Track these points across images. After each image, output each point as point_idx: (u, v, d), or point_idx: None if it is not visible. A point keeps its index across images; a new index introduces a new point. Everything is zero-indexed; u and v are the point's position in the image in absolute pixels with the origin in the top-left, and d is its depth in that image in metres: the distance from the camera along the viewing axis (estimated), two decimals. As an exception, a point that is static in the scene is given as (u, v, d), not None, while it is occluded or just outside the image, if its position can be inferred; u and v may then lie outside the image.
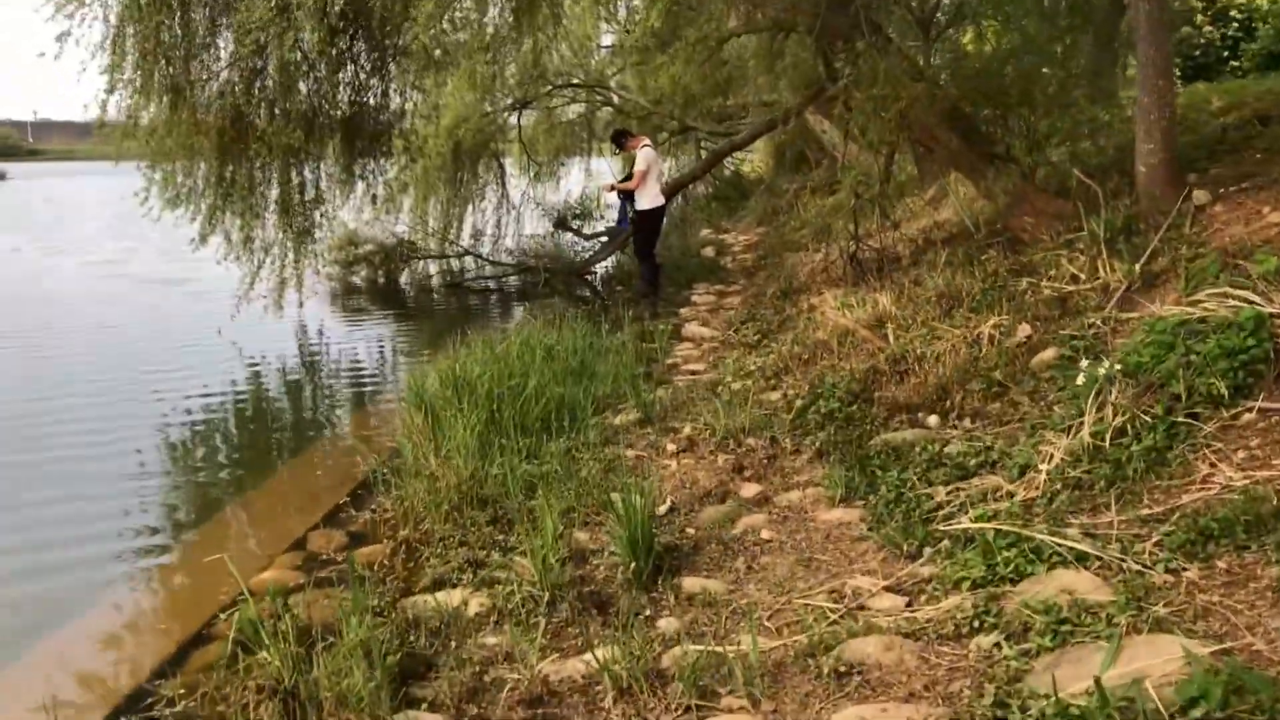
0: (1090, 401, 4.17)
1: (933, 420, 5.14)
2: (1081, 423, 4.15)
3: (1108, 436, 4.02)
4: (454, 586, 3.98)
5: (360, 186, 12.52)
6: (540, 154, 20.23)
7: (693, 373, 7.38)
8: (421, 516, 4.67)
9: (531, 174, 15.74)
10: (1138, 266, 5.65)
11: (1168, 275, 5.56)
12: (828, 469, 4.92)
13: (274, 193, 10.34)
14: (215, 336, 9.84)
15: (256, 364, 9.01)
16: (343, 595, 3.81)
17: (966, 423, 5.02)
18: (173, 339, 10.02)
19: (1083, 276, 5.97)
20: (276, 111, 9.81)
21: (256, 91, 9.84)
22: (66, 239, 18.07)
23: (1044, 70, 8.52)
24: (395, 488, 5.03)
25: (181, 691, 3.33)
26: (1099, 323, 5.37)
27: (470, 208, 14.68)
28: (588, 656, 3.23)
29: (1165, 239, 5.81)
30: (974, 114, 7.77)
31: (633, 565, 3.79)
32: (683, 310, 10.21)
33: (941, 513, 4.01)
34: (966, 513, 3.92)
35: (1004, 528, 3.53)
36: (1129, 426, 4.02)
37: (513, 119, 15.60)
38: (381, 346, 9.94)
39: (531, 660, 3.20)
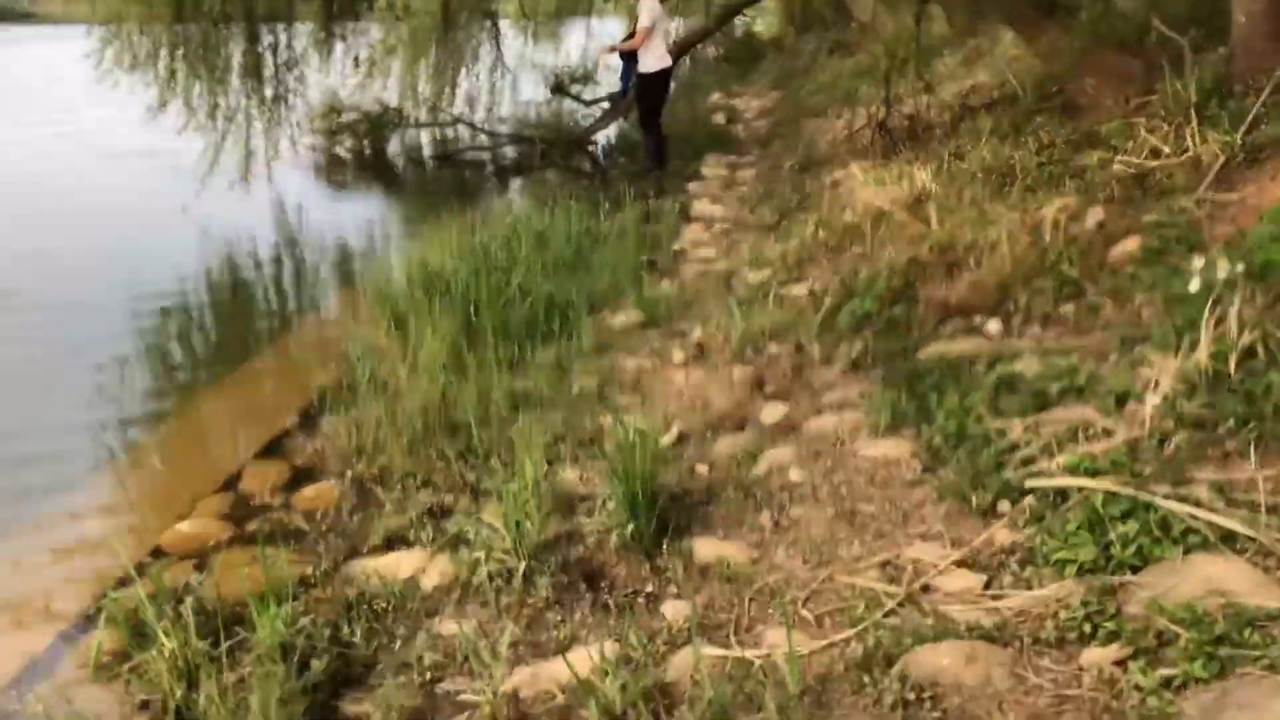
0: (1207, 312, 3.31)
1: (993, 327, 4.28)
2: (1196, 340, 3.30)
3: (1232, 360, 3.18)
4: (410, 545, 3.22)
5: (339, 49, 11.44)
6: (539, 14, 18.88)
7: (704, 260, 6.50)
8: (380, 447, 3.88)
9: (529, 34, 14.42)
10: (1238, 137, 4.70)
11: (1277, 148, 4.62)
12: (868, 387, 4.10)
13: (238, 55, 9.25)
14: (180, 215, 8.89)
15: (218, 247, 8.08)
16: (273, 558, 3.04)
17: (1035, 330, 4.17)
18: (132, 219, 9.08)
19: (1166, 150, 5.00)
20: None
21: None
22: (42, 108, 16.92)
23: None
24: (351, 409, 4.23)
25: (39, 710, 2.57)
26: (1191, 206, 4.45)
27: (463, 73, 13.45)
28: (574, 656, 2.47)
29: (1271, 103, 4.84)
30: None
31: (631, 527, 3.01)
32: (691, 185, 9.24)
33: (1019, 454, 3.20)
34: (1052, 456, 3.10)
35: (1114, 489, 2.71)
36: (1260, 347, 3.17)
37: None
38: (364, 225, 9.00)
39: (497, 673, 2.44)
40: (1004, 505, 3.02)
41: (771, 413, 4.05)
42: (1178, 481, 2.81)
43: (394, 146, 12.40)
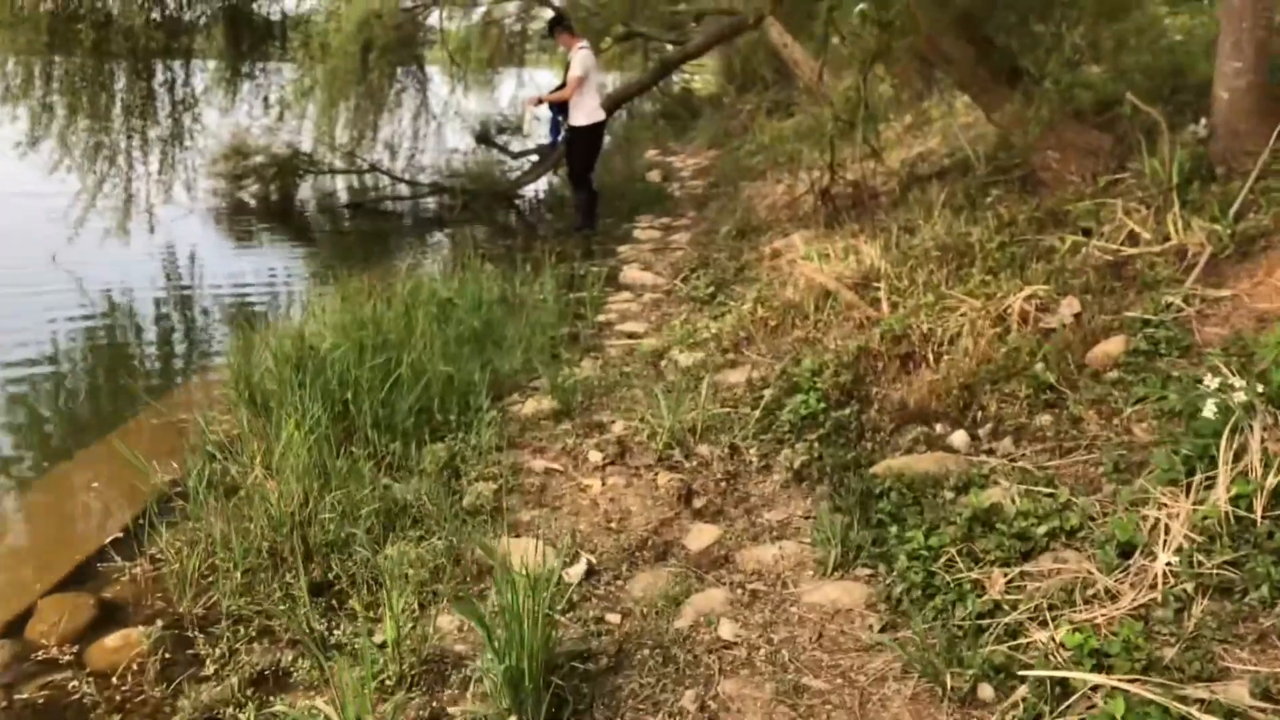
0: (1225, 444, 2.74)
1: (959, 439, 3.69)
2: (1211, 478, 2.72)
3: (1258, 504, 2.60)
4: (227, 730, 2.47)
5: (247, 88, 10.70)
6: (470, 61, 18.33)
7: (630, 336, 5.86)
8: (214, 577, 3.13)
9: (457, 82, 13.81)
10: (1227, 226, 4.21)
11: (1269, 239, 4.14)
12: (813, 505, 3.47)
13: (125, 91, 8.47)
14: (49, 264, 7.97)
15: (80, 304, 7.14)
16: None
17: (1008, 444, 3.58)
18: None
19: (1146, 235, 4.51)
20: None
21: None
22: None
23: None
24: (189, 521, 3.46)
25: None
26: (1179, 302, 3.95)
27: (384, 118, 12.79)
28: None
29: (1259, 189, 4.38)
30: (994, 18, 6.19)
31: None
32: (622, 248, 8.64)
33: (1002, 619, 2.58)
34: (1045, 625, 2.49)
35: (1134, 689, 2.09)
36: (1294, 490, 2.61)
37: (434, 19, 13.66)
38: (258, 282, 8.21)
39: None
40: (986, 691, 2.38)
41: (700, 536, 3.39)
42: (1206, 675, 2.21)
43: (305, 193, 11.63)
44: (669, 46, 14.41)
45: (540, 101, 9.50)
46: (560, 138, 9.61)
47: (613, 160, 14.63)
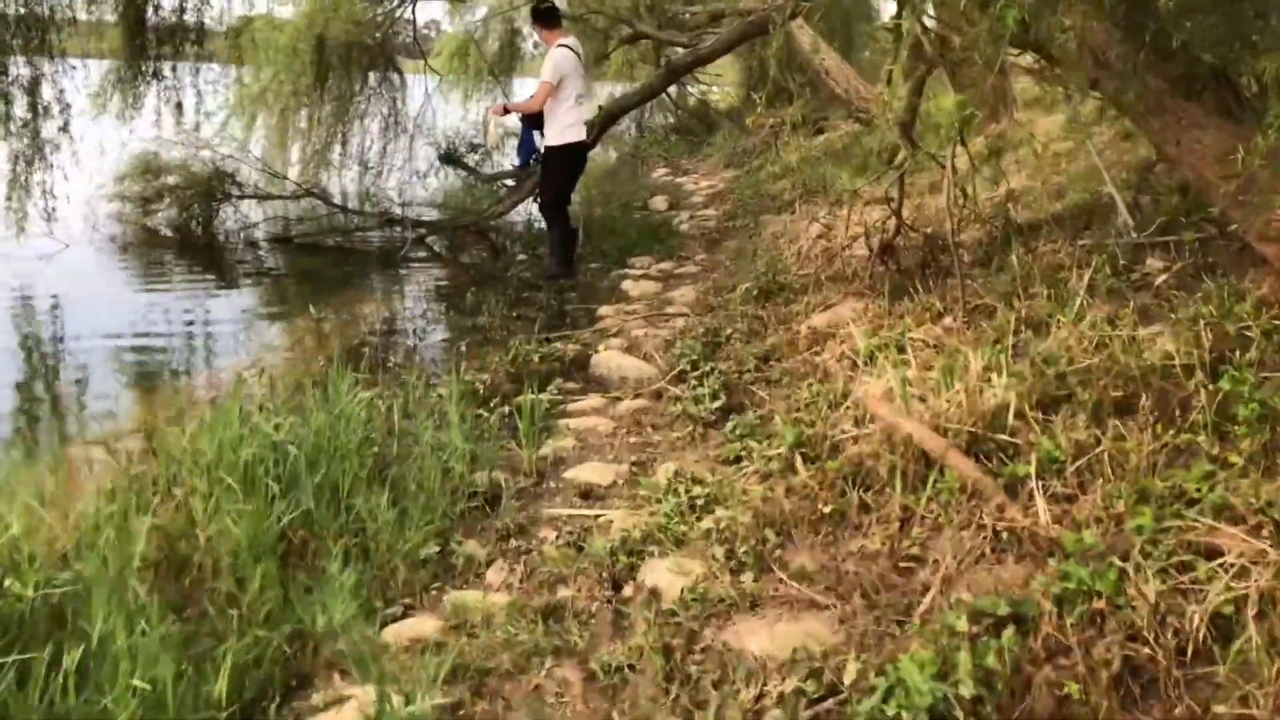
0: None
1: None
2: None
3: None
4: None
5: (154, 92, 8.56)
6: (468, 69, 16.22)
7: (584, 495, 3.62)
8: None
9: (451, 90, 11.54)
10: None
11: None
12: None
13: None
14: None
15: None
16: None
17: None
18: None
19: None
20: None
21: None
22: None
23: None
24: None
25: None
26: None
27: (339, 132, 10.64)
28: None
29: None
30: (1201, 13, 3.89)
31: None
32: (603, 311, 6.42)
33: None
34: None
35: None
36: None
37: (406, 13, 11.46)
38: (137, 342, 6.05)
39: None
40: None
41: None
42: None
43: (233, 220, 9.43)
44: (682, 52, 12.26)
45: (506, 111, 7.32)
46: (533, 159, 7.45)
47: (612, 181, 12.45)
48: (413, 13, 11.05)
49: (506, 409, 4.25)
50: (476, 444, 3.76)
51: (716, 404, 4.24)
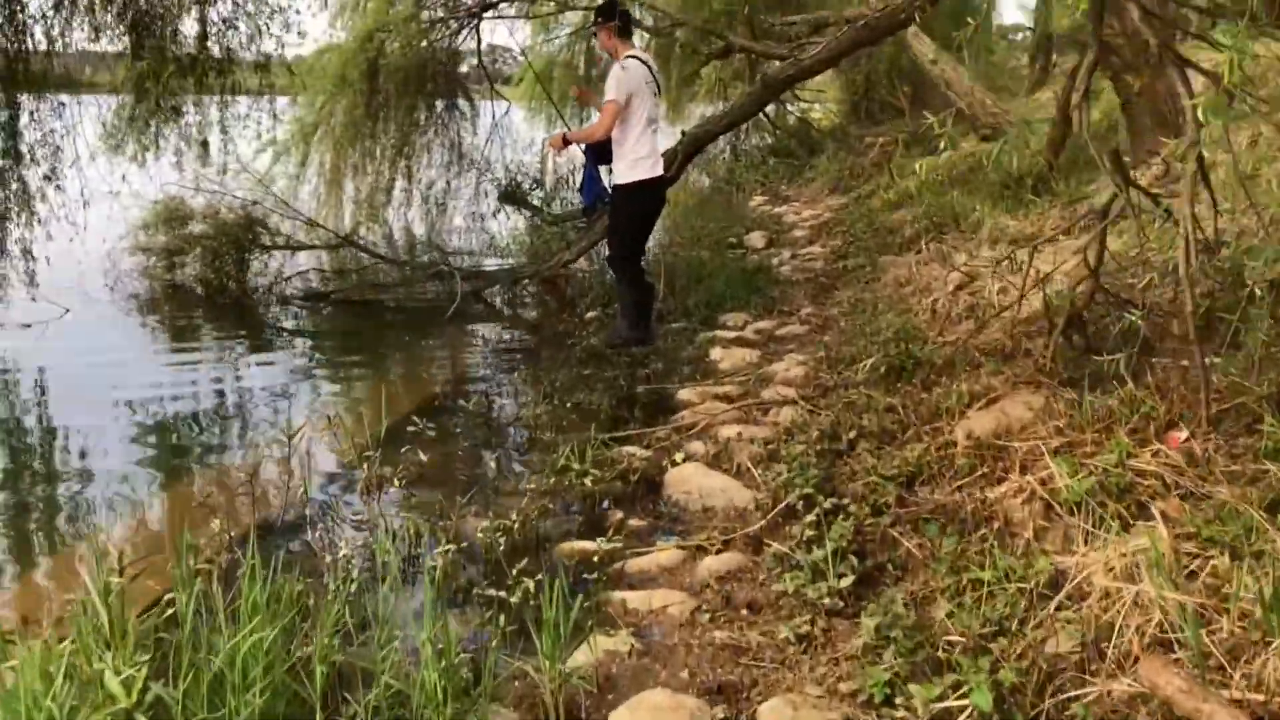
0: None
1: None
2: None
3: None
4: None
5: (178, 131, 7.54)
6: (534, 92, 15.04)
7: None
8: None
9: (499, 117, 10.35)
10: None
11: None
12: None
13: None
14: None
15: None
16: None
17: None
18: None
19: None
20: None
21: None
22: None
23: None
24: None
25: None
26: None
27: (394, 169, 9.49)
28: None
29: None
30: None
31: None
32: (684, 394, 5.00)
33: None
34: None
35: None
36: None
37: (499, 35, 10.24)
38: (125, 436, 4.89)
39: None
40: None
41: None
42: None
43: (268, 274, 8.29)
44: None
45: (566, 143, 6.01)
46: (601, 200, 6.12)
47: (701, 214, 11.05)
48: (476, 34, 9.81)
49: (531, 582, 2.88)
50: (465, 668, 2.40)
51: (845, 579, 2.80)
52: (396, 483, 3.81)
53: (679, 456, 4.04)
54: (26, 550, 3.63)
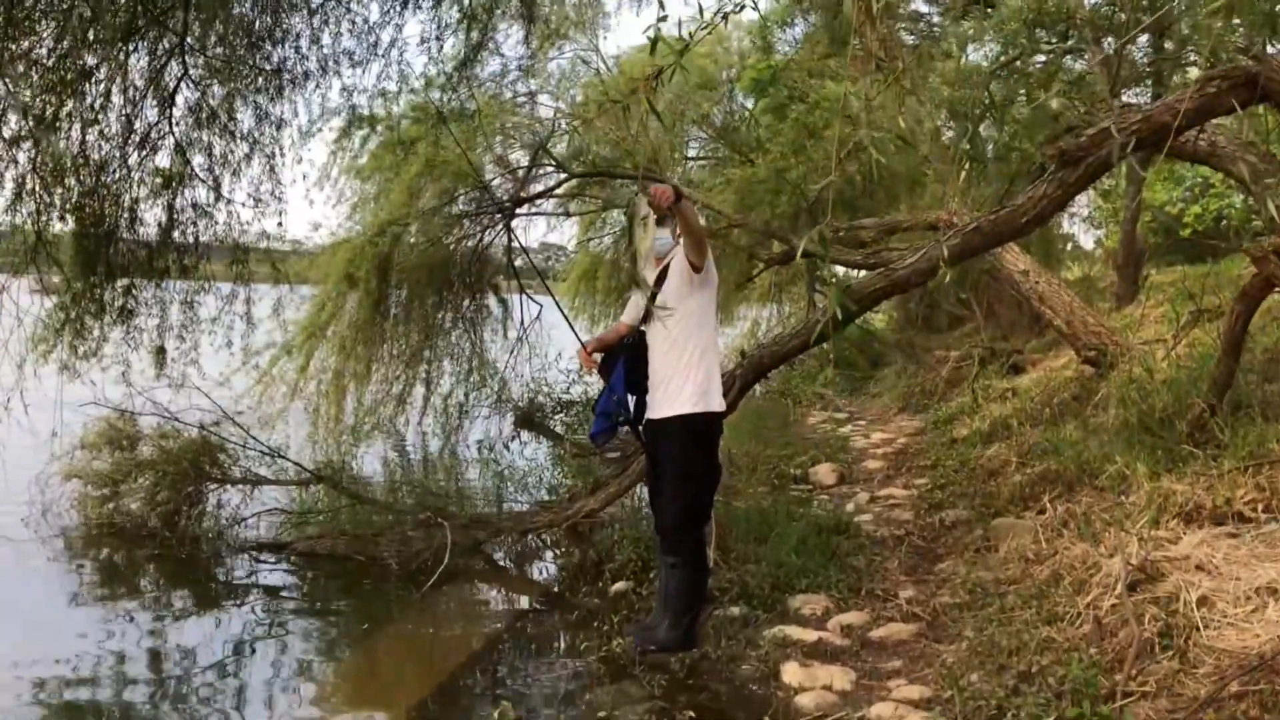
0: None
1: None
2: None
3: None
4: None
5: (120, 331, 6.23)
6: (597, 292, 13.91)
7: None
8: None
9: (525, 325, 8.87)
10: None
11: None
12: None
13: None
14: None
15: None
16: None
17: None
18: None
19: None
20: None
21: None
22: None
23: None
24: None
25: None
26: None
27: (395, 385, 8.15)
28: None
29: None
30: None
31: None
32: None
33: None
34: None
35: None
36: None
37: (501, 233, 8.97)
38: None
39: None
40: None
41: None
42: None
43: (224, 513, 6.70)
44: (849, 272, 9.67)
45: (591, 354, 4.52)
46: (620, 424, 4.49)
47: (756, 433, 9.47)
48: (507, 230, 8.54)
49: None
50: None
51: None
52: None
53: None
54: None
